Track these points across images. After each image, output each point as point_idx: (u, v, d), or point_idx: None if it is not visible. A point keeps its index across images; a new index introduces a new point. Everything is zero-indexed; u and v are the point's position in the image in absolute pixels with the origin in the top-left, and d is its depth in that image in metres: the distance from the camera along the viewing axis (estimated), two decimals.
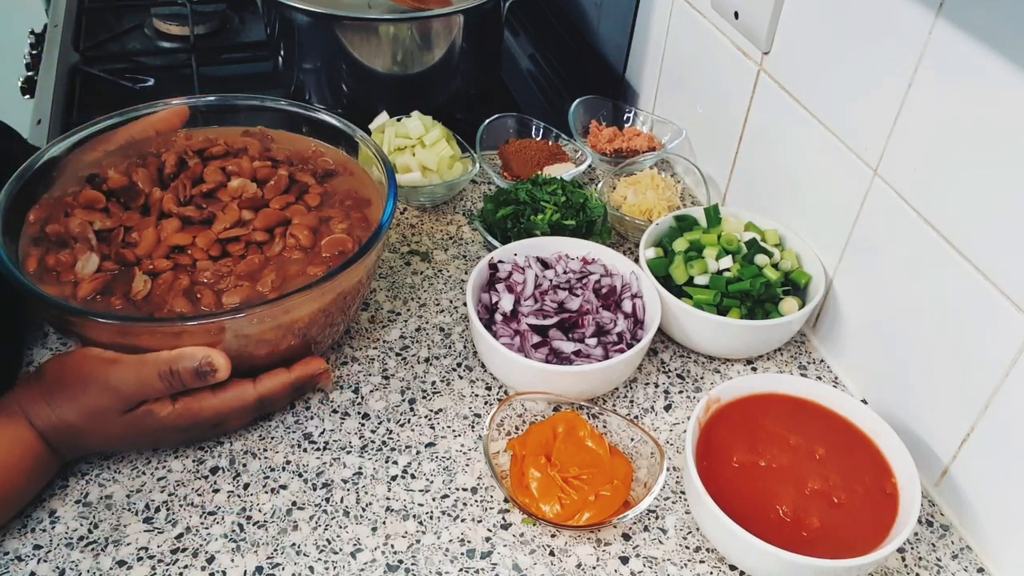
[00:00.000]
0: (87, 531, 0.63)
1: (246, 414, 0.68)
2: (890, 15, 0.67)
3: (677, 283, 0.80)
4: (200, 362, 0.61)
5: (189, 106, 0.81)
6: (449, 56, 1.06)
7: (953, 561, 0.66)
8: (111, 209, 0.72)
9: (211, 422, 0.66)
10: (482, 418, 0.74)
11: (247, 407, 0.67)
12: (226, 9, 1.35)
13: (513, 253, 0.81)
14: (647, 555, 0.65)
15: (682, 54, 1.02)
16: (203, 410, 0.65)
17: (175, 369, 0.61)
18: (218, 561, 0.62)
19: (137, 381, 0.61)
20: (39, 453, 0.62)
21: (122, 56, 1.26)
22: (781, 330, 0.79)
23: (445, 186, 0.93)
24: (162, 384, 0.61)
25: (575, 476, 0.66)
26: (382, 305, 0.84)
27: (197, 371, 0.61)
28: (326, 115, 0.82)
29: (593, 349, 0.73)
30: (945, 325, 0.67)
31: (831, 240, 0.79)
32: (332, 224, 0.73)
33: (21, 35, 1.50)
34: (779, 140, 0.85)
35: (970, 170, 0.62)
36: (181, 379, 0.61)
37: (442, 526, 0.65)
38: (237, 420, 0.68)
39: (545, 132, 1.05)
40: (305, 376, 0.69)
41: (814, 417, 0.69)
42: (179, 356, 0.61)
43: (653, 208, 0.93)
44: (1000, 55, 0.58)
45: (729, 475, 0.65)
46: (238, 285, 0.67)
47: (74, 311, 0.62)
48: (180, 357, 0.61)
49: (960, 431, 0.67)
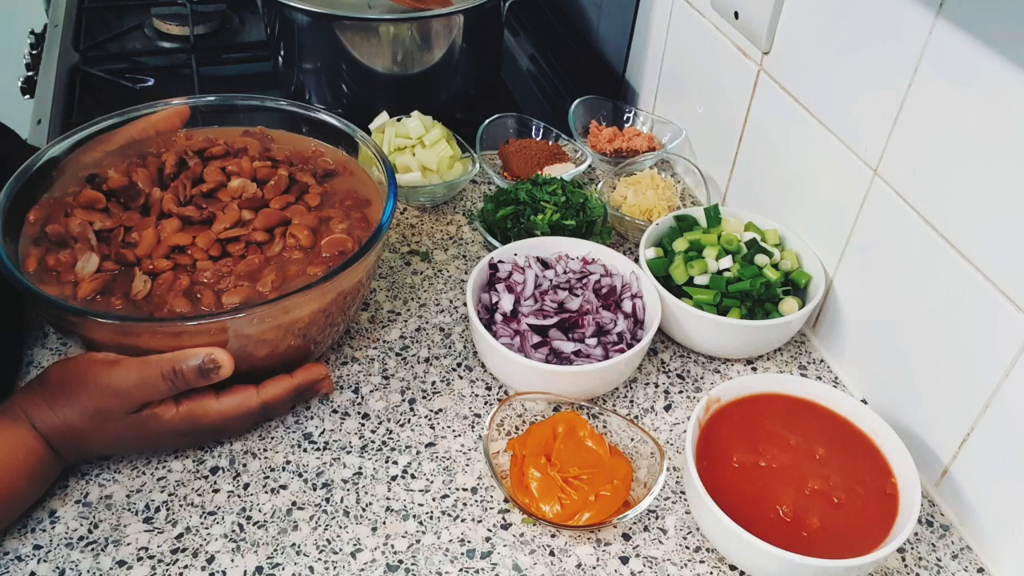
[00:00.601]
0: (87, 531, 0.63)
1: (249, 420, 0.68)
2: (890, 15, 0.67)
3: (677, 283, 0.80)
4: (203, 359, 0.61)
5: (189, 106, 0.81)
6: (449, 56, 1.06)
7: (953, 561, 0.66)
8: (111, 209, 0.72)
9: (214, 427, 0.66)
10: (482, 418, 0.74)
11: (251, 412, 0.67)
12: (226, 9, 1.35)
13: (513, 253, 0.81)
14: (647, 555, 0.65)
15: (682, 54, 1.02)
16: (207, 414, 0.65)
17: (178, 368, 0.61)
18: (218, 561, 0.62)
19: (140, 382, 0.61)
20: (42, 456, 0.62)
21: (122, 56, 1.25)
22: (781, 330, 0.79)
23: (445, 186, 0.93)
24: (165, 384, 0.61)
25: (575, 476, 0.66)
26: (382, 305, 0.84)
27: (200, 368, 0.61)
28: (326, 115, 0.82)
29: (593, 349, 0.73)
30: (945, 325, 0.67)
31: (831, 240, 0.79)
32: (332, 224, 0.73)
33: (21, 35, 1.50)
34: (779, 140, 0.85)
35: (970, 170, 0.62)
36: (184, 378, 0.61)
37: (442, 526, 0.65)
38: (240, 426, 0.68)
39: (545, 132, 1.05)
40: (307, 381, 0.70)
41: (814, 417, 0.69)
42: (182, 355, 0.61)
43: (653, 208, 0.93)
44: (1000, 55, 0.58)
45: (729, 475, 0.65)
46: (238, 285, 0.67)
47: (74, 311, 0.62)
48: (183, 356, 0.61)
49: (960, 431, 0.67)
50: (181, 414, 0.63)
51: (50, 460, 0.62)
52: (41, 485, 0.63)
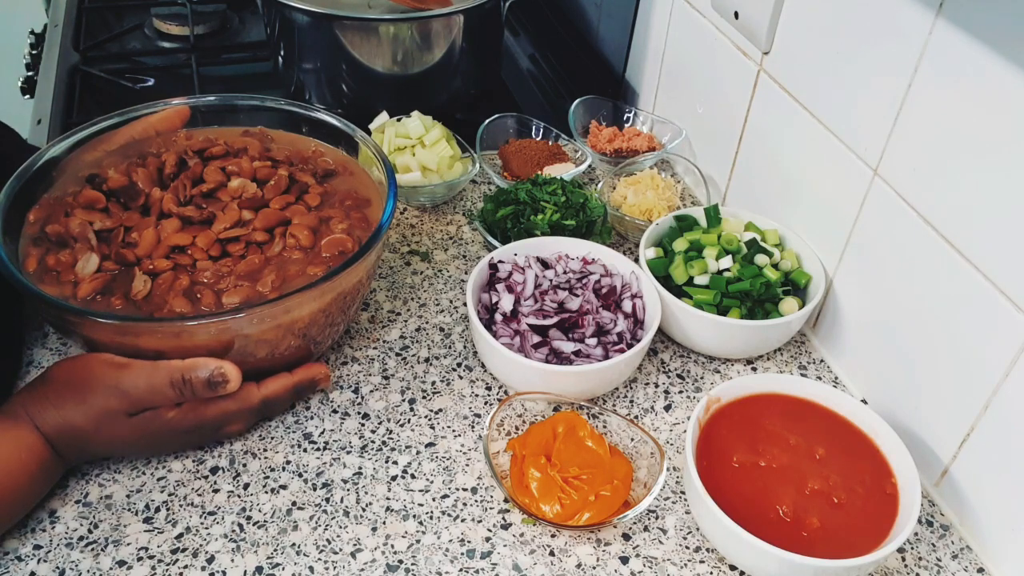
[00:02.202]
0: (87, 531, 0.63)
1: (250, 416, 0.69)
2: (890, 15, 0.67)
3: (677, 283, 0.80)
4: (213, 372, 0.62)
5: (189, 106, 0.81)
6: (449, 56, 1.06)
7: (953, 561, 0.66)
8: (111, 209, 0.72)
9: (215, 424, 0.66)
10: (482, 418, 0.74)
11: (252, 409, 0.67)
12: (226, 9, 1.35)
13: (513, 253, 0.81)
14: (647, 555, 0.65)
15: (682, 54, 1.02)
16: (208, 411, 0.65)
17: (188, 378, 0.61)
18: (218, 561, 0.62)
19: (148, 387, 0.61)
20: (44, 457, 0.61)
21: (122, 56, 1.25)
22: (781, 330, 0.79)
23: (445, 186, 0.93)
24: (173, 392, 0.62)
25: (575, 476, 0.66)
26: (382, 305, 0.84)
27: (209, 381, 0.62)
28: (326, 115, 0.82)
29: (593, 349, 0.73)
30: (945, 325, 0.67)
31: (831, 240, 0.79)
32: (332, 224, 0.73)
33: (21, 35, 1.50)
34: (779, 140, 0.85)
35: (970, 170, 0.62)
36: (193, 388, 0.62)
37: (442, 526, 0.65)
38: (240, 423, 0.68)
39: (545, 132, 1.05)
40: (306, 379, 0.70)
41: (814, 417, 0.69)
42: (192, 365, 0.62)
43: (653, 208, 0.93)
44: (1000, 55, 0.58)
45: (729, 475, 0.65)
46: (238, 285, 0.67)
47: (74, 311, 0.62)
48: (194, 366, 0.62)
49: (960, 431, 0.67)
50: (183, 411, 0.64)
51: (52, 461, 0.62)
52: (43, 487, 0.63)
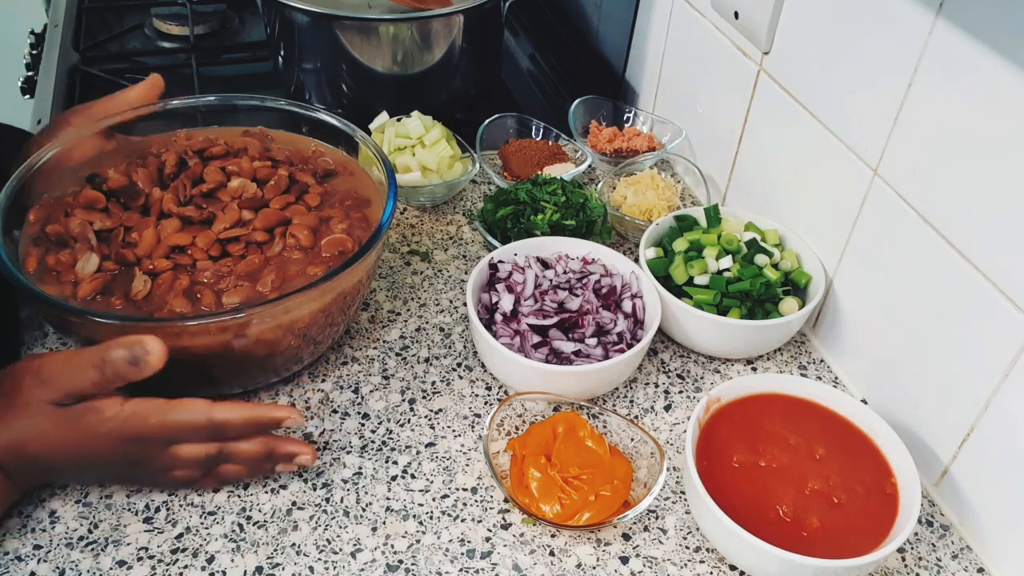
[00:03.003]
0: (87, 531, 0.63)
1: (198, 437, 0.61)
2: (890, 15, 0.67)
3: (677, 283, 0.80)
4: (132, 347, 0.57)
5: (189, 106, 0.81)
6: (449, 56, 1.06)
7: (953, 561, 0.66)
8: (111, 209, 0.72)
9: (159, 437, 0.60)
10: (482, 418, 0.74)
11: (198, 427, 0.60)
12: (226, 9, 1.35)
13: (513, 253, 0.81)
14: (647, 555, 0.65)
15: (682, 54, 1.02)
16: (150, 416, 0.59)
17: (107, 357, 0.57)
18: (218, 561, 0.62)
19: (67, 367, 0.57)
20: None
21: (122, 56, 1.25)
22: (781, 330, 0.79)
23: (445, 186, 0.93)
24: (95, 373, 0.57)
25: (575, 476, 0.66)
26: (382, 305, 0.84)
27: (130, 356, 0.57)
28: (326, 115, 0.82)
29: (593, 349, 0.73)
30: (945, 325, 0.67)
31: (831, 240, 0.79)
32: (332, 224, 0.73)
33: (21, 35, 1.50)
34: (779, 140, 0.85)
35: (970, 170, 0.62)
36: (114, 367, 0.57)
37: (442, 526, 0.65)
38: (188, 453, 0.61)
39: (545, 132, 1.05)
40: (268, 418, 0.62)
41: (814, 417, 0.69)
42: (113, 343, 0.57)
43: (653, 208, 0.93)
44: (1000, 55, 0.58)
45: (729, 475, 0.65)
46: (238, 285, 0.67)
47: (74, 311, 0.62)
48: (115, 344, 0.57)
49: (960, 431, 0.67)
50: (125, 412, 0.58)
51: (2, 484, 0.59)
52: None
